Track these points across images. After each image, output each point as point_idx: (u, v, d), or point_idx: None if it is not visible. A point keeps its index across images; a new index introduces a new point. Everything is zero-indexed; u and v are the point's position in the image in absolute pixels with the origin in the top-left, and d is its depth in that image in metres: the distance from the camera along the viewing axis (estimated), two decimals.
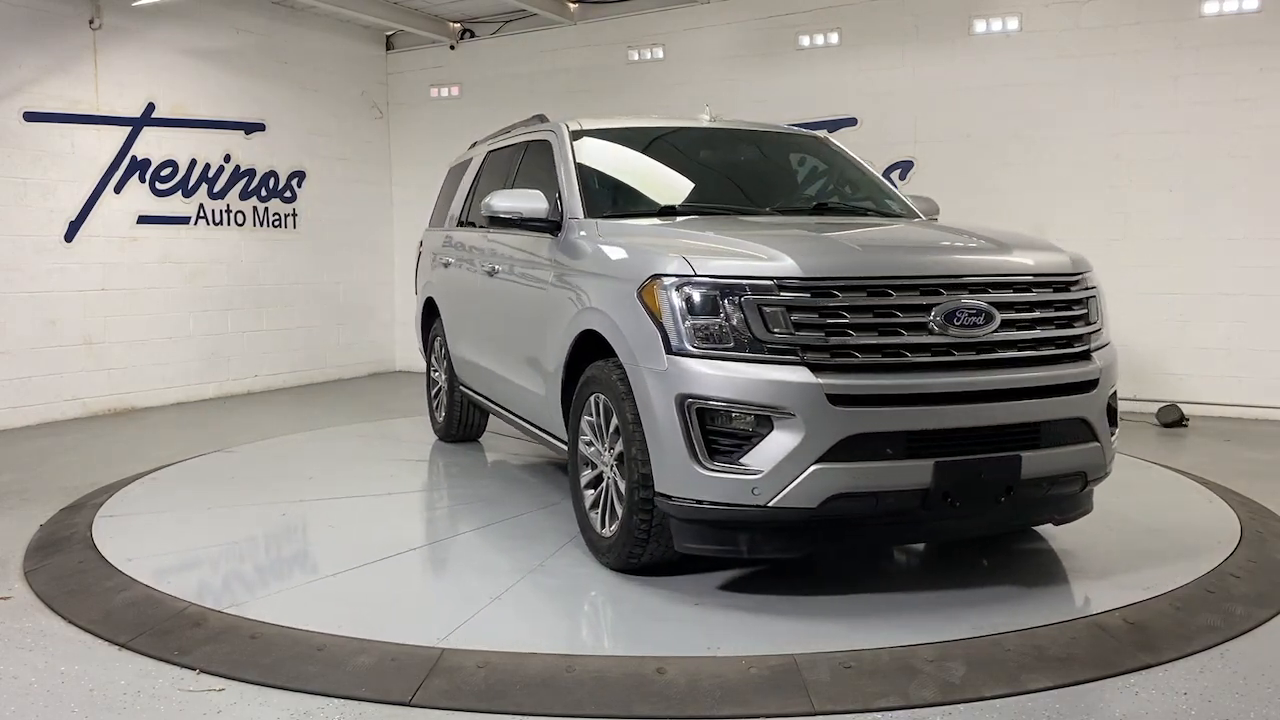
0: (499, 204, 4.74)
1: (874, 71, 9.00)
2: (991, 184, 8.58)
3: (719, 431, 3.57)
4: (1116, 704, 2.98)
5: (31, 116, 8.01)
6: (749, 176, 5.39)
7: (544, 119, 5.73)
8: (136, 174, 8.80)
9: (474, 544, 4.72)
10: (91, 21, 8.36)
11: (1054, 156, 8.38)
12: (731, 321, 3.57)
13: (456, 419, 6.76)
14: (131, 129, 8.75)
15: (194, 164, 9.30)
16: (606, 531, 4.13)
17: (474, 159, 6.64)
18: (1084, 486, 3.94)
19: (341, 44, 10.86)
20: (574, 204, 4.72)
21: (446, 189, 7.12)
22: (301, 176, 10.39)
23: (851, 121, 9.03)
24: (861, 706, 2.97)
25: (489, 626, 3.59)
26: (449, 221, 6.76)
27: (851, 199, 5.29)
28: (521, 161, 5.62)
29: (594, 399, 4.16)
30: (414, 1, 10.24)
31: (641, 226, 4.48)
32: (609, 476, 4.09)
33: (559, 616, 3.84)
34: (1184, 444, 7.03)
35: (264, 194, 9.99)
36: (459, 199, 6.65)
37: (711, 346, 3.59)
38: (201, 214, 9.38)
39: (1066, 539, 4.51)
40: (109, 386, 8.58)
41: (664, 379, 3.65)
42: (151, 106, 8.90)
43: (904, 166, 8.89)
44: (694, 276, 3.66)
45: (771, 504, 3.50)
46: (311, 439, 7.27)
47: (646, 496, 3.78)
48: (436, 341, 6.88)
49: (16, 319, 7.93)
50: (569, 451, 4.49)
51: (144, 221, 8.88)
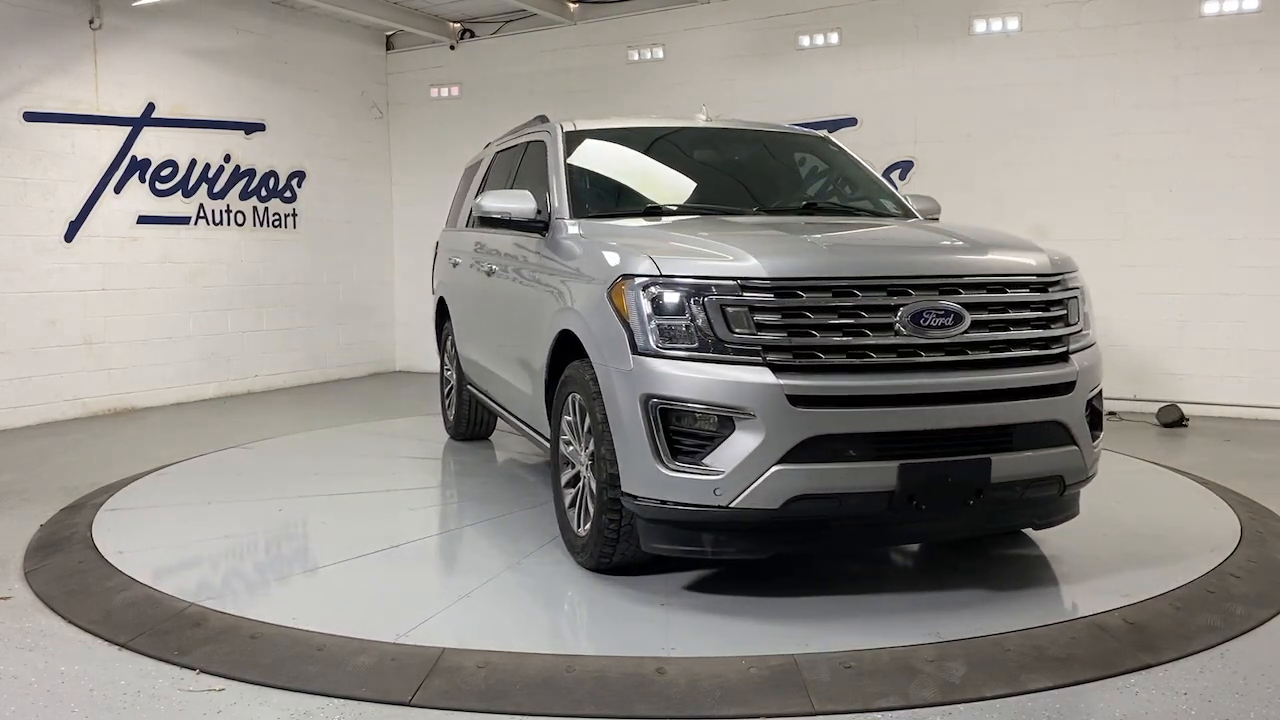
0: (489, 204, 4.76)
1: (874, 71, 9.00)
2: (991, 184, 8.58)
3: (682, 432, 3.58)
4: (1116, 704, 2.98)
5: (31, 116, 8.01)
6: (741, 176, 5.37)
7: (545, 119, 5.74)
8: (136, 174, 8.80)
9: (458, 541, 4.76)
10: (91, 21, 8.36)
11: (1054, 156, 8.38)
12: (696, 322, 3.57)
13: (465, 417, 6.84)
14: (131, 129, 8.75)
15: (194, 164, 9.30)
16: (581, 531, 4.14)
17: (484, 159, 6.67)
18: (1063, 490, 3.86)
19: (341, 44, 10.86)
20: (561, 204, 4.74)
21: (461, 189, 7.16)
22: (301, 176, 10.39)
23: (851, 121, 9.03)
24: (861, 706, 2.97)
25: (450, 624, 3.61)
26: (460, 221, 6.80)
27: (845, 199, 5.25)
28: (522, 162, 5.65)
29: (571, 399, 4.17)
30: (414, 1, 10.23)
31: (622, 227, 4.45)
32: (585, 476, 4.10)
33: (522, 615, 3.82)
34: (1184, 444, 7.03)
35: (264, 194, 9.99)
36: (469, 199, 6.68)
37: (676, 347, 3.59)
38: (201, 214, 9.38)
39: (1066, 539, 4.50)
40: (109, 386, 8.58)
41: (629, 379, 3.65)
42: (151, 106, 8.90)
43: (904, 166, 8.89)
44: (659, 277, 3.65)
45: (733, 505, 3.49)
46: (313, 438, 7.27)
47: (614, 496, 3.79)
48: (449, 341, 6.97)
49: (16, 319, 7.92)
50: (550, 450, 4.51)
51: (144, 221, 8.88)
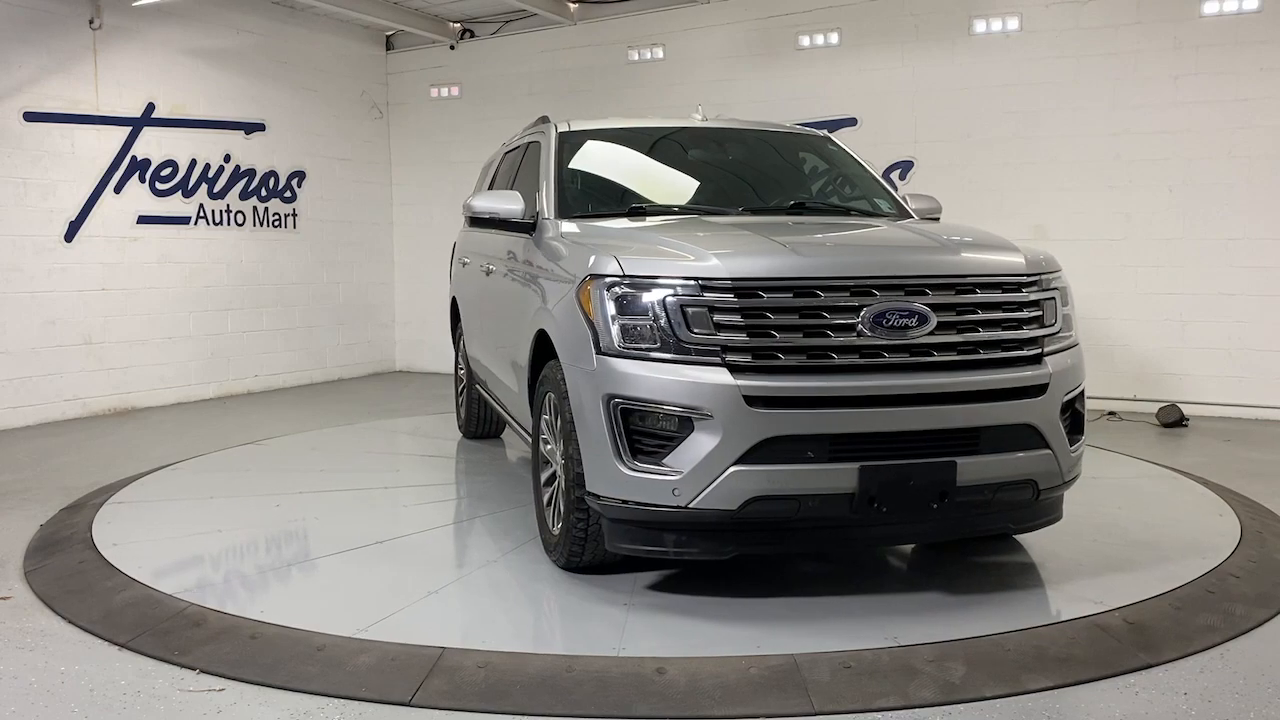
0: (478, 204, 4.76)
1: (874, 71, 9.00)
2: (991, 184, 8.58)
3: (643, 432, 3.58)
4: (1116, 704, 2.98)
5: (31, 116, 8.01)
6: (732, 177, 5.36)
7: (547, 120, 5.75)
8: (136, 174, 8.80)
9: (442, 538, 4.78)
10: (91, 21, 8.36)
11: (1054, 156, 8.38)
12: (658, 322, 3.57)
13: (475, 416, 6.92)
14: (131, 129, 8.75)
15: (194, 164, 9.30)
16: (555, 529, 4.16)
17: (495, 159, 6.71)
18: (1037, 495, 3.79)
19: (341, 44, 10.86)
20: (548, 204, 4.75)
21: (477, 187, 7.18)
22: (301, 176, 10.39)
23: (851, 121, 9.03)
24: (861, 706, 2.97)
25: (410, 620, 3.64)
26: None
27: (838, 198, 5.22)
28: (522, 162, 5.67)
29: (547, 398, 4.18)
30: (414, 1, 10.23)
31: (602, 228, 4.43)
32: (559, 475, 4.10)
33: (485, 612, 3.83)
34: (1184, 444, 7.03)
35: (264, 194, 9.99)
36: None
37: (638, 346, 3.59)
38: (201, 214, 9.38)
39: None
40: (109, 386, 8.58)
41: (593, 378, 3.66)
42: (151, 106, 8.90)
43: (904, 166, 8.89)
44: (623, 277, 3.65)
45: (692, 505, 3.49)
46: (324, 436, 7.28)
47: (580, 495, 3.80)
48: (461, 340, 7.05)
49: (16, 319, 7.92)
50: (531, 449, 4.53)
51: (144, 221, 8.88)
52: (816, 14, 9.15)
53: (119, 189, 8.67)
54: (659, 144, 5.38)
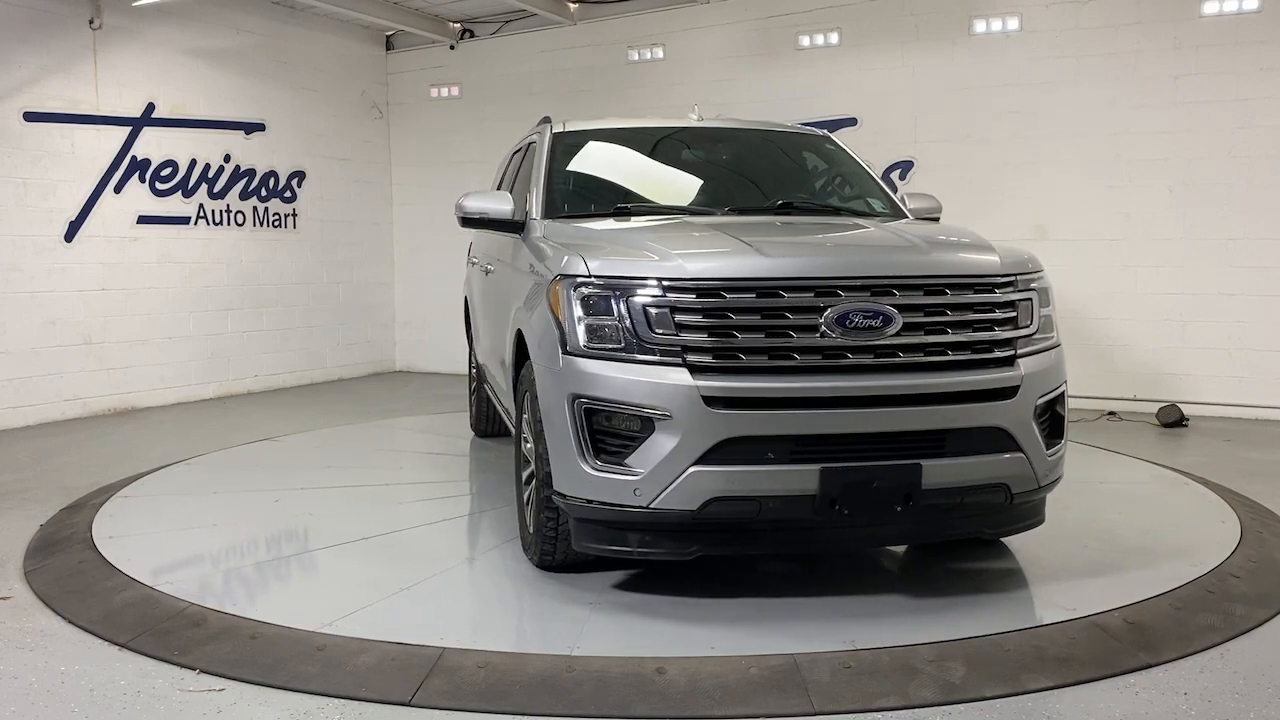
0: (469, 205, 4.75)
1: (874, 71, 9.00)
2: (991, 184, 8.58)
3: (606, 431, 3.58)
4: (1116, 704, 2.98)
5: (31, 116, 8.01)
6: (723, 176, 5.34)
7: (548, 121, 5.75)
8: (136, 174, 8.80)
9: (431, 534, 4.80)
10: (91, 21, 8.36)
11: (1054, 157, 8.38)
12: (623, 323, 3.57)
13: (484, 414, 6.98)
14: (131, 129, 8.75)
15: (194, 164, 9.30)
16: (531, 528, 4.18)
17: (505, 160, 6.73)
18: (1011, 499, 3.71)
19: (341, 44, 10.85)
20: (535, 205, 4.76)
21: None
22: (301, 176, 10.38)
23: (851, 121, 9.03)
24: (861, 706, 2.97)
25: (376, 615, 3.66)
26: None
27: (828, 198, 5.18)
28: (523, 163, 5.67)
29: (526, 397, 4.20)
30: (414, 1, 10.23)
31: (583, 228, 4.40)
32: (536, 474, 4.11)
33: (448, 609, 3.84)
34: (1184, 444, 7.03)
35: (264, 194, 9.99)
36: None
37: (602, 346, 3.59)
38: (201, 214, 9.38)
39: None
40: (109, 386, 8.58)
41: (559, 378, 3.67)
42: (151, 106, 8.90)
43: (904, 166, 8.89)
44: (588, 277, 3.65)
45: (652, 505, 3.48)
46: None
47: (549, 495, 3.81)
48: (472, 339, 7.10)
49: (16, 319, 7.92)
50: (514, 448, 4.55)
51: (144, 221, 8.88)
52: (816, 14, 9.15)
53: (119, 189, 8.67)
54: (653, 144, 5.37)
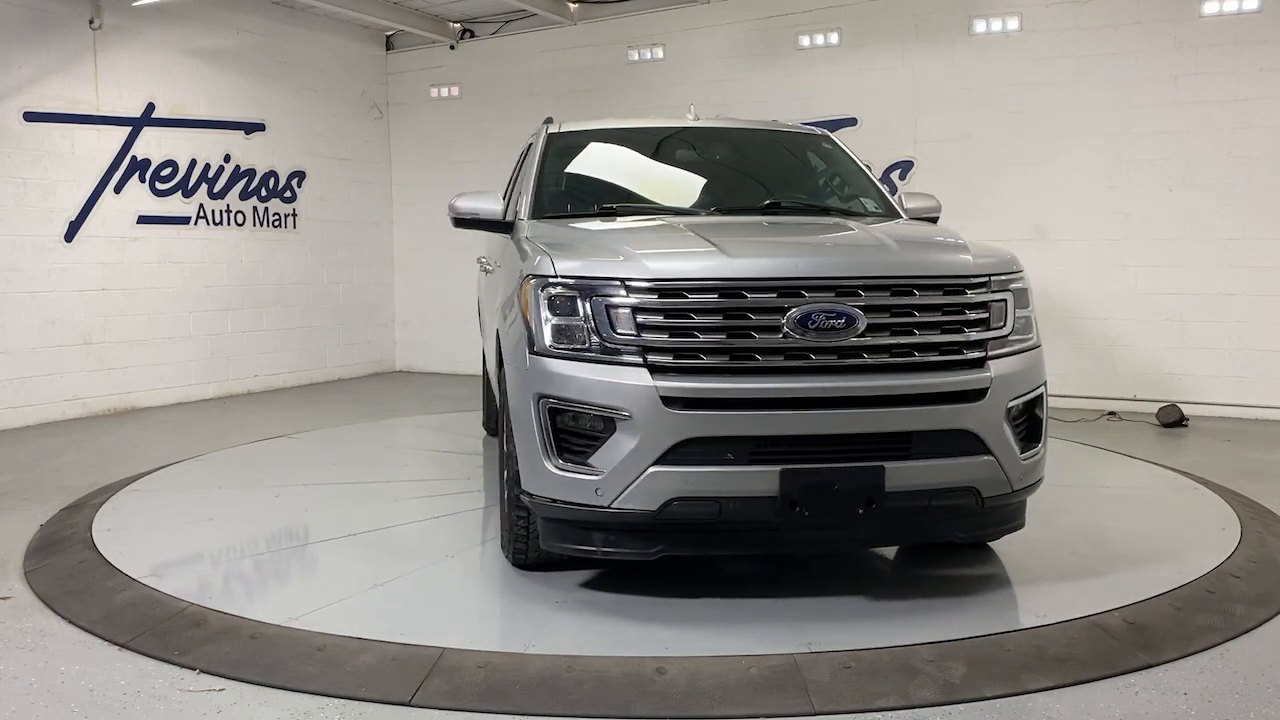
0: (460, 205, 4.75)
1: (874, 71, 9.00)
2: (991, 184, 8.58)
3: (569, 431, 3.60)
4: (1116, 704, 2.98)
5: (31, 116, 8.01)
6: (713, 176, 5.31)
7: (551, 121, 5.75)
8: (136, 174, 8.80)
9: (419, 531, 4.83)
10: (91, 21, 8.36)
11: (1054, 156, 8.38)
12: (587, 323, 3.58)
13: (493, 412, 6.93)
14: (131, 129, 8.75)
15: (194, 164, 9.30)
16: (504, 527, 4.20)
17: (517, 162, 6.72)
18: (982, 503, 3.64)
19: (341, 44, 10.85)
20: (524, 205, 4.77)
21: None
22: (301, 176, 10.39)
23: (851, 121, 9.03)
24: (861, 706, 2.97)
25: (343, 611, 3.71)
26: None
27: (819, 198, 5.15)
28: (522, 163, 5.68)
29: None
30: (414, 1, 10.23)
31: (561, 229, 4.39)
32: (507, 473, 4.12)
33: (415, 606, 3.85)
34: (1184, 444, 7.03)
35: (264, 194, 9.99)
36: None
37: (566, 346, 3.60)
38: (201, 214, 9.38)
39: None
40: (109, 386, 8.58)
41: (526, 377, 3.69)
42: (151, 106, 8.90)
43: (904, 166, 8.89)
44: (554, 277, 3.66)
45: (614, 505, 3.49)
46: (347, 432, 7.31)
47: (518, 494, 3.83)
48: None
49: (16, 319, 7.92)
50: (500, 448, 4.57)
51: (144, 221, 8.88)
52: (816, 14, 9.15)
53: (119, 189, 8.67)
54: (648, 144, 5.37)
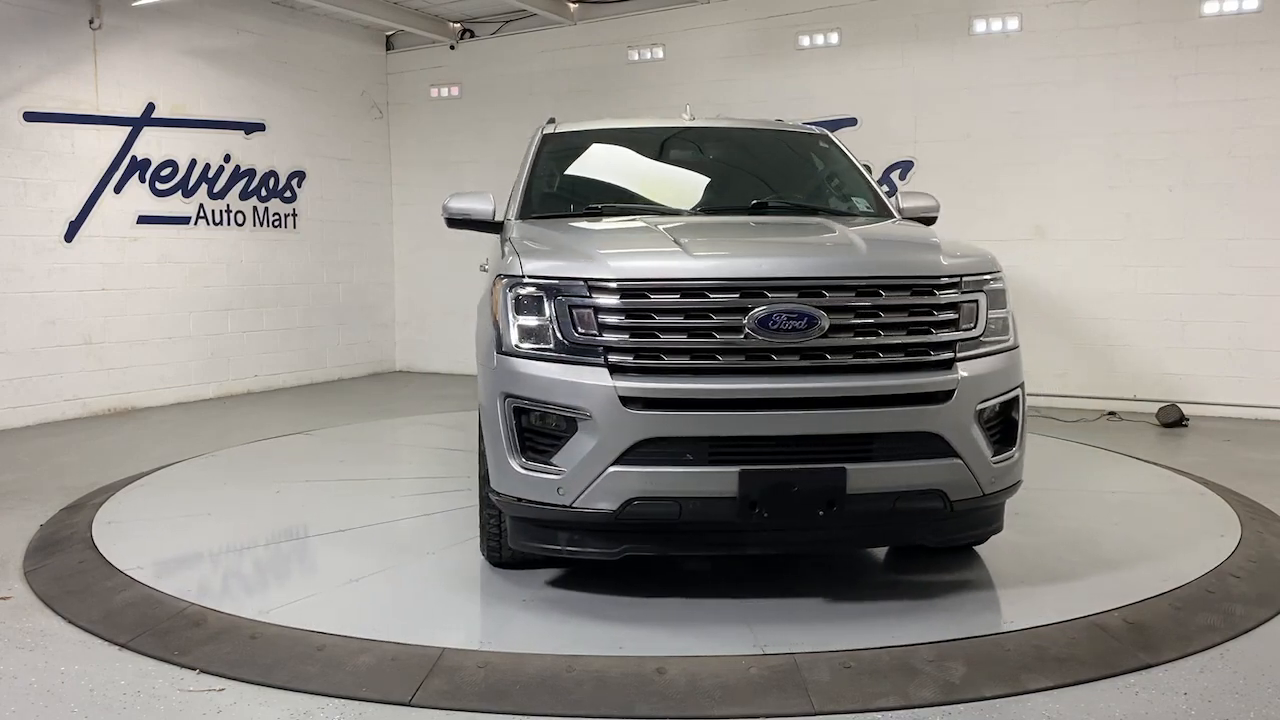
0: (453, 205, 4.76)
1: (874, 71, 9.00)
2: (991, 184, 8.58)
3: (534, 430, 3.62)
4: (1116, 704, 2.98)
5: (31, 116, 8.01)
6: (704, 176, 5.29)
7: (552, 122, 5.75)
8: (136, 174, 8.80)
9: (406, 528, 4.85)
10: (91, 21, 8.36)
11: (1054, 156, 8.38)
12: (551, 323, 3.60)
13: None
14: (131, 129, 8.75)
15: (194, 164, 9.30)
16: (479, 525, 4.24)
17: None
18: (950, 506, 3.58)
19: (341, 44, 10.85)
20: (513, 205, 4.79)
21: None
22: (301, 176, 10.39)
23: (851, 121, 9.03)
24: (861, 706, 2.97)
25: (311, 606, 3.76)
26: None
27: (807, 197, 5.09)
28: (522, 163, 5.65)
29: None
30: (414, 1, 10.23)
31: (543, 229, 4.37)
32: (479, 472, 4.14)
33: (382, 604, 3.88)
34: (1184, 444, 7.02)
35: (264, 194, 9.99)
36: None
37: (532, 346, 3.63)
38: (201, 214, 9.38)
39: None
40: (109, 386, 8.58)
41: (493, 376, 3.72)
42: (151, 106, 8.90)
43: (904, 166, 8.89)
44: (521, 277, 3.68)
45: (575, 504, 3.50)
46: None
47: (488, 493, 3.86)
48: None
49: (16, 319, 7.92)
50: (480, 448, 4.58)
51: (144, 221, 8.88)
52: (816, 14, 9.15)
53: (119, 189, 8.67)
54: (642, 145, 5.37)
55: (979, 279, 3.76)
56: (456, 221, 4.78)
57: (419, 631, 3.51)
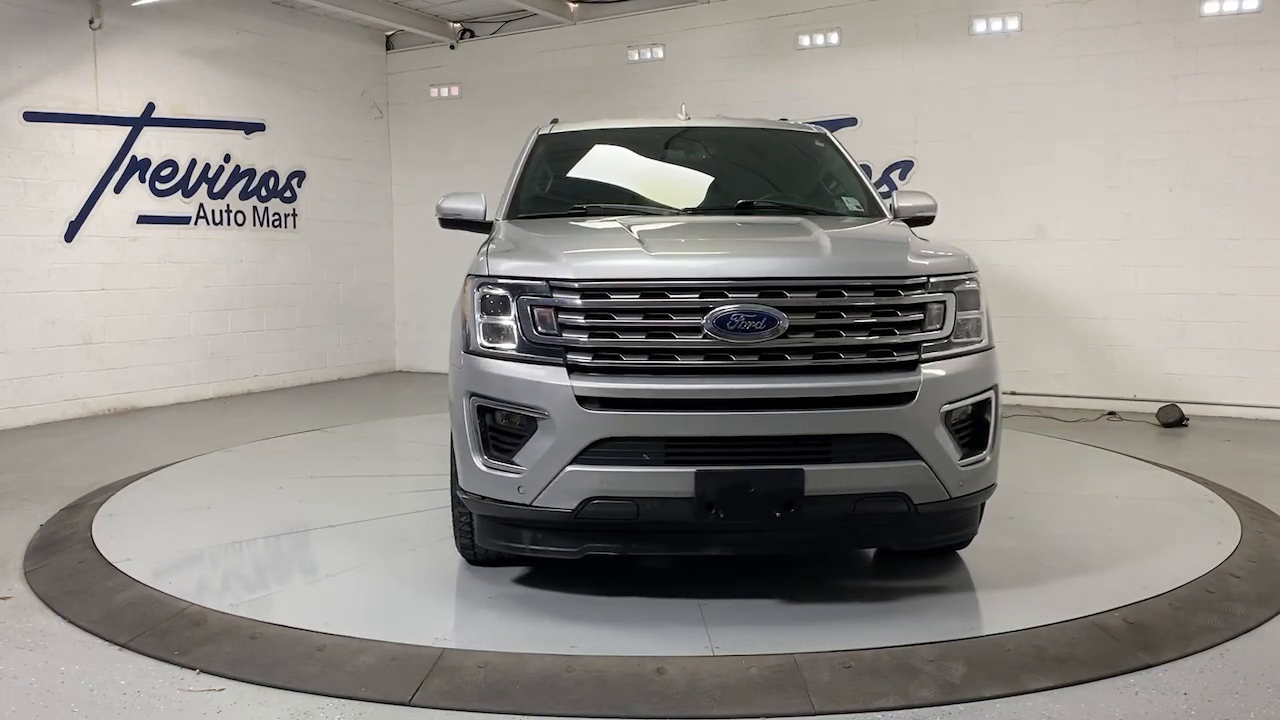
0: (445, 205, 4.76)
1: (874, 71, 9.00)
2: (991, 184, 8.59)
3: (497, 429, 3.64)
4: (1116, 704, 2.98)
5: (31, 116, 8.01)
6: (693, 176, 5.28)
7: (557, 121, 5.74)
8: (136, 174, 8.80)
9: (393, 524, 4.89)
10: (91, 21, 8.36)
11: (1054, 156, 8.38)
12: (515, 323, 3.62)
13: None
14: (131, 129, 8.75)
15: (194, 164, 9.30)
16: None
17: None
18: (914, 509, 3.54)
19: (341, 44, 10.85)
20: (503, 206, 4.81)
21: None
22: (301, 176, 10.38)
23: (851, 121, 9.03)
24: (861, 706, 2.97)
25: (281, 600, 3.83)
26: None
27: (794, 197, 5.04)
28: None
29: None
30: (414, 1, 10.23)
31: (526, 229, 4.37)
32: (451, 471, 4.16)
33: (352, 600, 3.93)
34: (1184, 444, 7.02)
35: (264, 194, 9.99)
36: None
37: (496, 346, 3.65)
38: (201, 214, 9.38)
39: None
40: (109, 386, 8.58)
41: (460, 376, 3.75)
42: (151, 106, 8.90)
43: (904, 166, 8.89)
44: (487, 277, 3.71)
45: (535, 503, 3.53)
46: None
47: (457, 491, 3.88)
48: None
49: (16, 319, 7.92)
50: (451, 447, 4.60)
51: (144, 221, 8.88)
52: (816, 14, 9.15)
53: (119, 189, 8.67)
54: (636, 145, 5.36)
55: (949, 279, 3.71)
56: (449, 221, 4.79)
57: (382, 628, 3.57)
